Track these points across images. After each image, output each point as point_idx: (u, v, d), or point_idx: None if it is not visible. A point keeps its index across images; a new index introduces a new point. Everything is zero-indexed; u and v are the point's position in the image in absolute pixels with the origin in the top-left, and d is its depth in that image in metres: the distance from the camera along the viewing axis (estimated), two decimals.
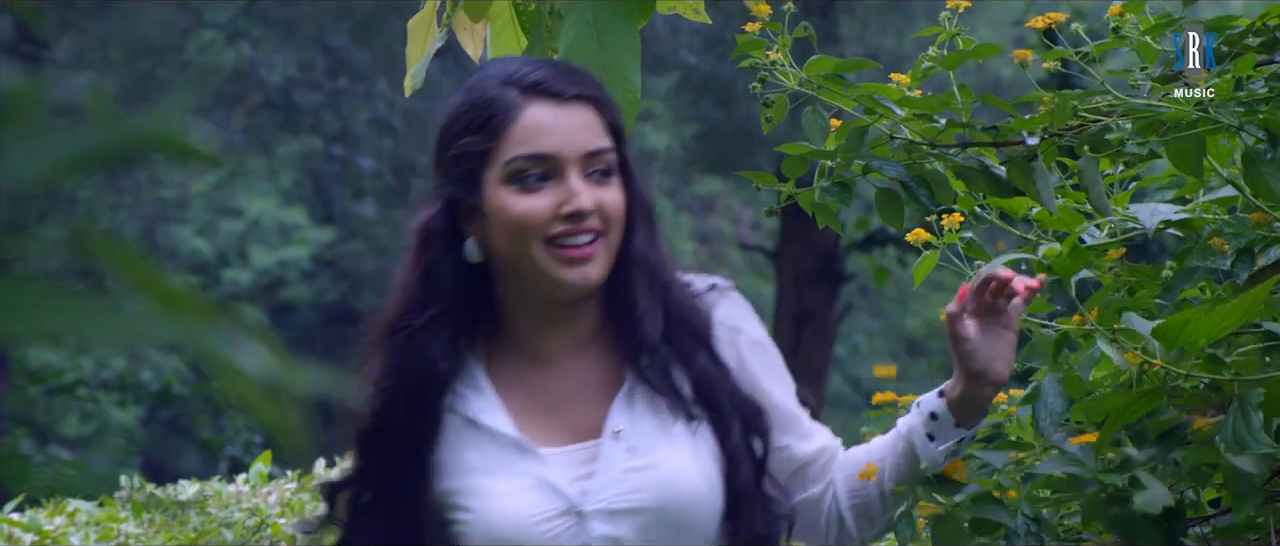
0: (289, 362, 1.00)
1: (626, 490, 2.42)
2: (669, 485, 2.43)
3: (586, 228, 2.45)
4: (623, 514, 2.41)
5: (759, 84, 3.11)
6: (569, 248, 2.44)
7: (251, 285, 19.81)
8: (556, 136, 2.45)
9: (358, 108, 20.70)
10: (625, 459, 2.45)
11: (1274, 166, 2.74)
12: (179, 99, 1.12)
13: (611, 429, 2.46)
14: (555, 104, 2.46)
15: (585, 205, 2.44)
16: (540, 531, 2.40)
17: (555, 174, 2.45)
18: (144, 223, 19.20)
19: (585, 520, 2.41)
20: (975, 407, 2.56)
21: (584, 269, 2.44)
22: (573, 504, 2.41)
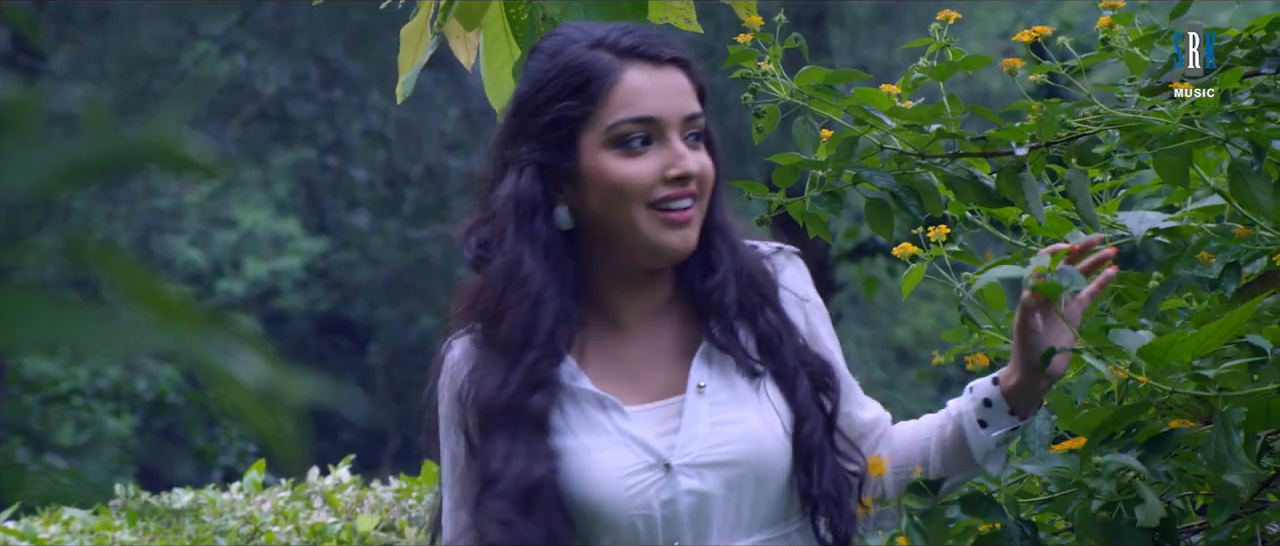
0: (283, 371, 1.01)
1: (713, 443, 2.41)
2: (753, 439, 2.42)
3: (689, 191, 2.43)
4: (709, 467, 2.39)
5: (750, 94, 3.12)
6: (672, 211, 2.42)
7: (245, 295, 19.80)
8: (658, 99, 2.43)
9: (351, 119, 20.70)
10: (710, 413, 2.43)
11: (1260, 179, 2.76)
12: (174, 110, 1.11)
13: (695, 383, 2.45)
14: (653, 67, 2.44)
15: (690, 168, 2.42)
16: (628, 486, 2.38)
17: (657, 137, 2.43)
18: (138, 233, 19.20)
19: (673, 473, 2.38)
20: (1032, 398, 2.52)
21: (685, 232, 2.43)
22: (660, 457, 2.39)
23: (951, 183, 2.99)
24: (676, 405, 2.45)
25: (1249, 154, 2.77)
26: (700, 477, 2.39)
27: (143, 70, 18.90)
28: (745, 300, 2.50)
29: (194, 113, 18.47)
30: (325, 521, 7.07)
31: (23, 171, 0.97)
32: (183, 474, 16.19)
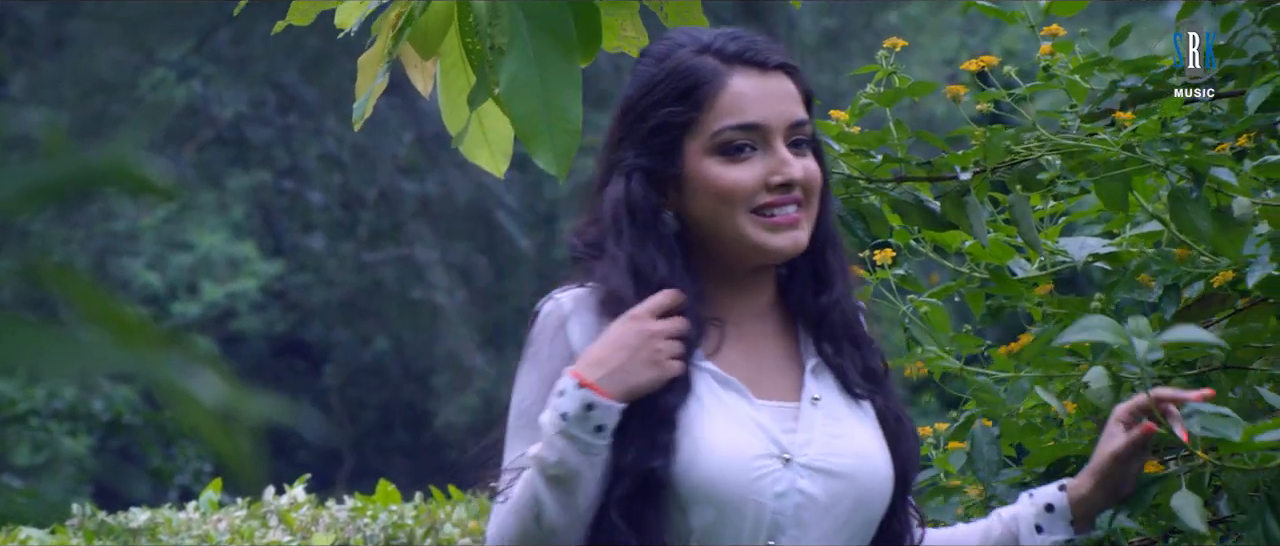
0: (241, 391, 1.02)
1: (829, 451, 2.38)
2: (865, 458, 2.40)
3: (793, 198, 2.41)
4: (820, 473, 2.37)
5: None
6: (776, 216, 2.40)
7: (201, 317, 19.74)
8: (763, 106, 2.41)
9: (307, 143, 20.68)
10: (826, 424, 2.41)
11: (1199, 205, 2.80)
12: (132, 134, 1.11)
13: (810, 394, 2.43)
14: (759, 73, 2.43)
15: (795, 175, 2.40)
16: (751, 467, 2.34)
17: (762, 144, 2.41)
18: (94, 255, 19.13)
19: (791, 468, 2.36)
20: (1094, 512, 2.49)
21: (794, 234, 2.41)
22: (783, 450, 2.37)
23: (897, 207, 3.03)
24: (793, 409, 2.42)
25: (1188, 180, 2.82)
26: (811, 480, 2.36)
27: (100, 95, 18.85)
28: (854, 324, 2.49)
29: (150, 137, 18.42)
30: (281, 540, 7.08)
31: None
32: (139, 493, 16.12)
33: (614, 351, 2.34)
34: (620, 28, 2.76)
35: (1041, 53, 3.03)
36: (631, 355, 2.34)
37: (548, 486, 2.33)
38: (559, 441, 2.32)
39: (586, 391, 2.32)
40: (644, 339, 2.34)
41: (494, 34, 2.43)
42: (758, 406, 2.40)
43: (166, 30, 19.63)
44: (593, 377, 2.33)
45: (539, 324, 2.46)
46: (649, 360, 2.34)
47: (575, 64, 2.47)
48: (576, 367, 2.35)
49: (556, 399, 2.34)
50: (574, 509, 2.33)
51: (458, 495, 7.74)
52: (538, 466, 2.33)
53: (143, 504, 7.77)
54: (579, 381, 2.33)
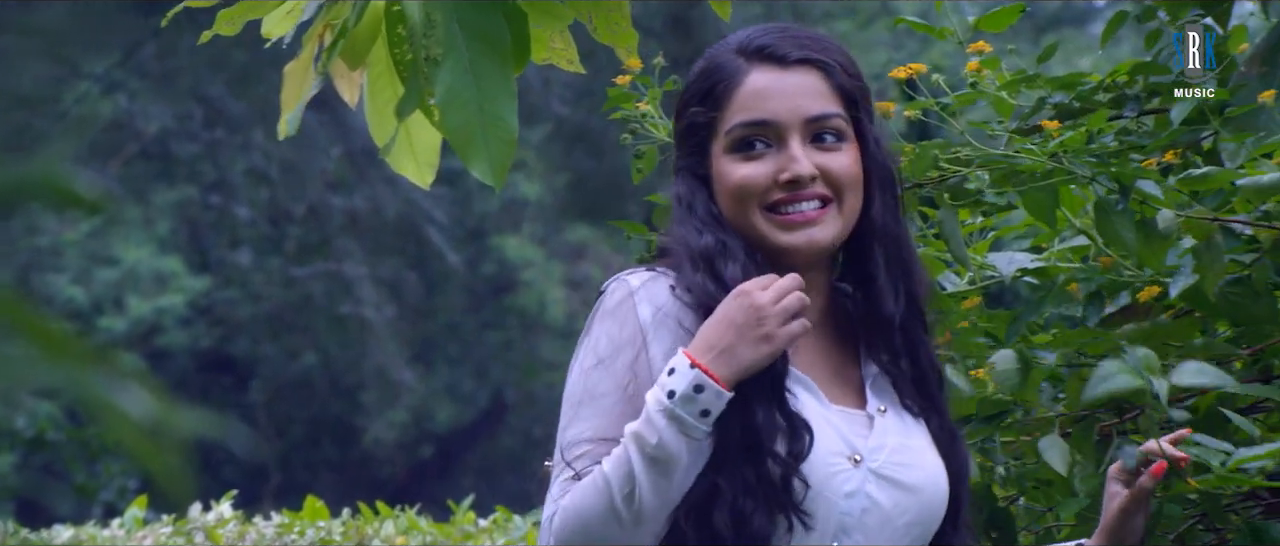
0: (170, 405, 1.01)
1: (899, 461, 2.35)
2: (932, 475, 2.38)
3: (809, 194, 2.36)
4: (888, 482, 2.34)
5: (629, 135, 3.17)
6: (790, 214, 2.36)
7: (127, 332, 19.60)
8: (776, 101, 2.38)
9: (234, 157, 20.57)
10: (896, 435, 2.37)
11: (1124, 217, 2.82)
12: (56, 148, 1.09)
13: (876, 406, 2.40)
14: (778, 68, 2.39)
15: (801, 172, 2.35)
16: (826, 462, 2.31)
17: (775, 140, 2.38)
18: (18, 271, 18.96)
19: (861, 470, 2.33)
20: None
21: (809, 231, 2.36)
22: (855, 451, 2.34)
23: None
24: (862, 417, 2.39)
25: (1114, 193, 2.84)
26: (879, 487, 2.34)
27: (22, 109, 18.70)
28: (912, 330, 2.44)
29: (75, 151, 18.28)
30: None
31: None
32: (63, 510, 15.97)
33: (723, 330, 2.28)
34: (549, 40, 2.76)
35: (969, 69, 3.05)
36: (740, 333, 2.28)
37: (646, 466, 2.25)
38: (661, 420, 2.25)
39: (698, 372, 2.26)
40: (751, 314, 2.29)
41: (429, 44, 2.42)
42: (829, 408, 2.37)
43: (91, 43, 19.49)
44: (705, 360, 2.27)
45: (603, 303, 2.41)
46: (759, 336, 2.28)
47: (510, 74, 2.47)
48: (690, 348, 2.28)
49: (666, 377, 2.27)
50: (667, 494, 2.26)
51: (386, 511, 7.72)
52: (637, 444, 2.26)
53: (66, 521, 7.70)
54: (691, 362, 2.27)
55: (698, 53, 2.54)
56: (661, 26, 17.00)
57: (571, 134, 19.93)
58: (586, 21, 2.75)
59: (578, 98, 19.25)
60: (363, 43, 2.70)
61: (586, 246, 21.85)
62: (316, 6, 2.65)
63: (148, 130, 20.22)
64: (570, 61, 2.83)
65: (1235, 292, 2.76)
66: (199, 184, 20.56)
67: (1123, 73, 3.27)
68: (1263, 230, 2.78)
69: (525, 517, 7.84)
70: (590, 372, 2.37)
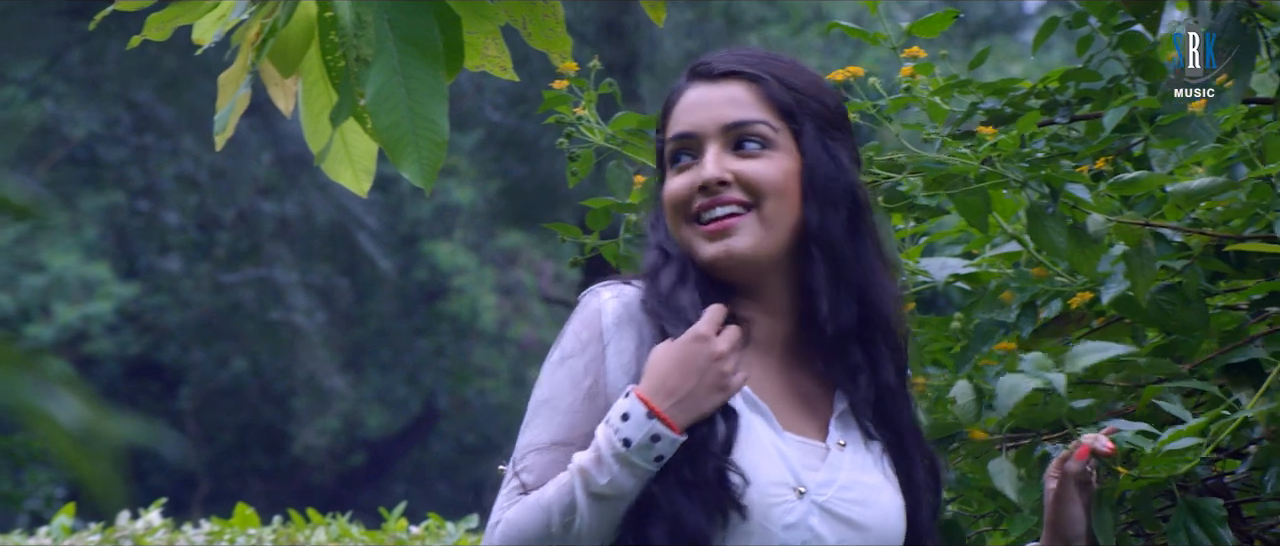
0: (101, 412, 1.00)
1: (850, 498, 2.34)
2: (886, 515, 2.36)
3: (723, 199, 2.37)
4: (834, 518, 2.33)
5: (565, 140, 3.17)
6: (708, 222, 2.37)
7: (54, 340, 19.45)
8: (699, 114, 2.41)
9: (163, 163, 20.45)
10: (851, 471, 2.36)
11: (1056, 221, 2.83)
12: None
13: (836, 440, 2.38)
14: (707, 83, 2.43)
15: (709, 174, 2.37)
16: (768, 491, 2.30)
17: (698, 152, 2.40)
18: None
19: (805, 503, 2.32)
20: None
21: (725, 241, 2.36)
22: (800, 482, 2.32)
23: None
24: (819, 449, 2.37)
25: (1046, 197, 2.85)
26: (823, 521, 2.33)
27: None
28: (872, 347, 2.41)
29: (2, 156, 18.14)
30: None
31: None
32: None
33: (683, 377, 2.31)
34: (483, 46, 2.75)
35: (902, 74, 3.06)
36: (699, 379, 2.31)
37: (590, 501, 2.28)
38: (615, 466, 2.28)
39: (655, 422, 2.28)
40: (710, 362, 2.31)
41: (359, 45, 2.41)
42: (784, 438, 2.36)
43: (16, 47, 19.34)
44: (662, 406, 2.30)
45: (577, 315, 2.43)
46: (715, 384, 2.31)
47: (441, 76, 2.46)
48: (645, 391, 2.30)
49: (620, 422, 2.29)
50: (610, 524, 2.30)
51: (317, 518, 7.68)
52: (583, 480, 2.28)
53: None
54: (648, 410, 2.29)
55: (631, 58, 2.56)
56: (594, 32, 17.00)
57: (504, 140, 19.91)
58: (520, 27, 2.75)
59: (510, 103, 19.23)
60: (296, 50, 2.69)
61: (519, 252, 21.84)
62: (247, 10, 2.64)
63: (75, 135, 20.07)
64: (504, 68, 2.82)
65: (1167, 299, 2.77)
66: (127, 190, 20.44)
67: (1054, 79, 3.29)
68: (1193, 236, 2.80)
69: (457, 524, 7.82)
70: (552, 373, 2.39)
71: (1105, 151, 3.10)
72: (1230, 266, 2.80)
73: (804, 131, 2.41)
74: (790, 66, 2.47)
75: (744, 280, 2.40)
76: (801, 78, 2.46)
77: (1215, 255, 2.80)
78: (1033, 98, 3.27)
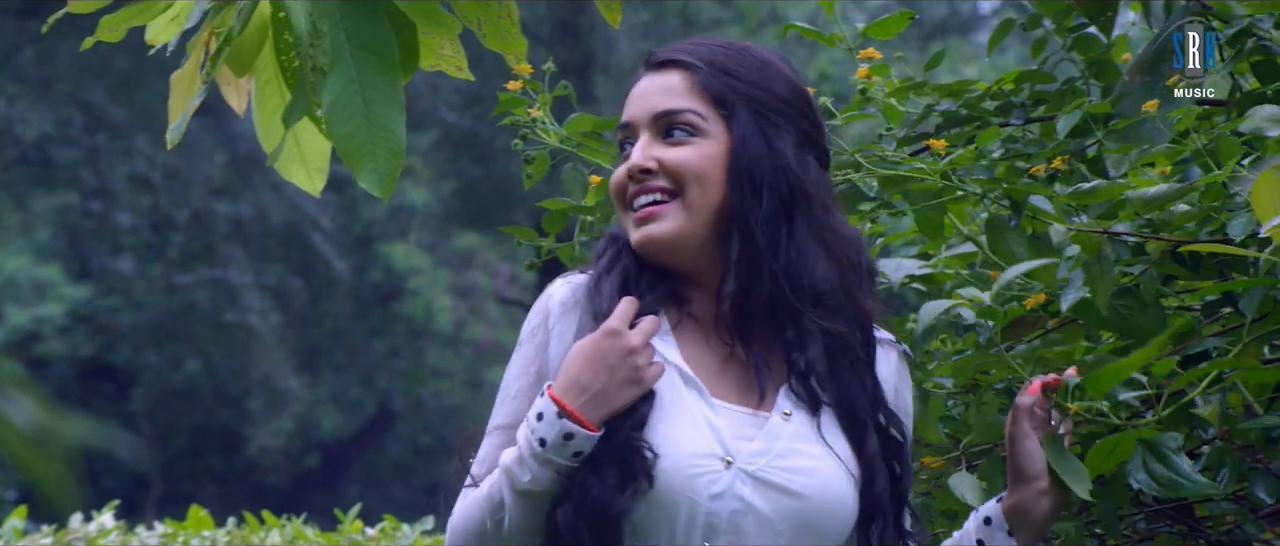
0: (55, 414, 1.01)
1: (785, 467, 2.36)
2: (826, 484, 2.37)
3: (649, 187, 2.43)
4: (768, 486, 2.35)
5: (520, 142, 3.16)
6: (637, 210, 2.43)
7: (6, 342, 19.34)
8: (636, 104, 2.47)
9: (116, 164, 20.36)
10: (792, 440, 2.38)
11: (1016, 233, 2.84)
12: None
13: (781, 409, 2.40)
14: (652, 72, 2.49)
15: (634, 163, 2.43)
16: (689, 464, 2.33)
17: (635, 139, 2.47)
18: None
19: (732, 473, 2.34)
20: (1028, 519, 2.47)
21: (647, 228, 2.42)
22: (727, 452, 2.35)
23: None
24: (759, 419, 2.40)
25: (1006, 209, 2.85)
26: (755, 490, 2.35)
27: None
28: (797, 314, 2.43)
29: None
30: None
31: None
32: None
33: (594, 373, 2.35)
34: (438, 47, 2.74)
35: (858, 76, 3.06)
36: (611, 375, 2.35)
37: (516, 498, 2.35)
38: (533, 464, 2.34)
39: (566, 421, 2.33)
40: (622, 357, 2.35)
41: (315, 54, 2.40)
42: (715, 408, 2.39)
43: None
44: (574, 403, 2.34)
45: (546, 302, 2.49)
46: (628, 378, 2.35)
47: (398, 84, 2.45)
48: (557, 389, 2.35)
49: (536, 422, 2.35)
50: (537, 518, 2.36)
51: (272, 520, 7.66)
52: (508, 479, 2.35)
53: None
54: (559, 408, 2.34)
55: (586, 59, 2.57)
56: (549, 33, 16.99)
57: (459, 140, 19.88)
58: (475, 28, 2.74)
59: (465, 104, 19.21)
60: (249, 50, 2.68)
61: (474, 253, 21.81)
62: (201, 13, 2.63)
63: (27, 136, 19.96)
64: (459, 68, 2.81)
65: (1124, 304, 2.78)
66: (80, 190, 20.34)
67: (1009, 80, 3.30)
68: (1151, 241, 2.81)
69: (413, 526, 7.81)
70: (510, 359, 2.47)
71: (1059, 153, 3.10)
72: (1185, 268, 2.81)
73: (736, 117, 2.44)
74: (735, 53, 2.50)
75: (676, 262, 2.45)
76: (744, 64, 2.48)
77: (1170, 257, 2.81)
78: (988, 99, 3.27)
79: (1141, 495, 3.05)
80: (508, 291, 21.77)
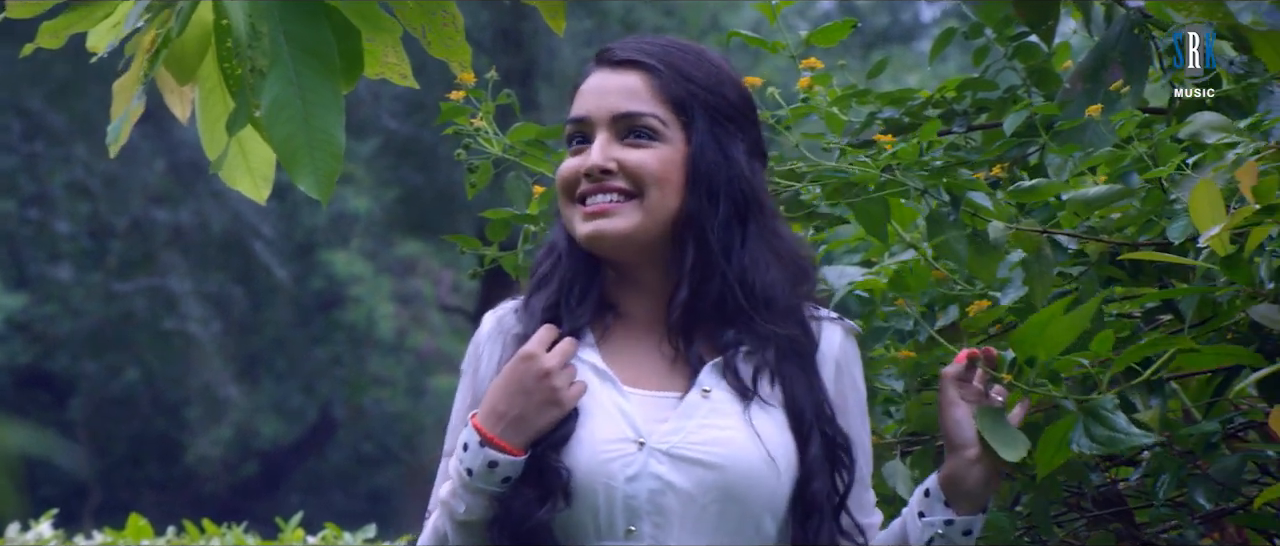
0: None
1: (697, 440, 2.39)
2: (741, 454, 2.39)
3: (608, 187, 2.45)
4: (684, 462, 2.38)
5: (463, 151, 3.16)
6: (588, 206, 2.46)
7: None
8: (591, 100, 2.50)
9: (54, 171, 20.21)
10: (707, 415, 2.41)
11: (956, 228, 2.86)
12: None
13: (701, 386, 2.43)
14: (607, 69, 2.51)
15: (594, 162, 2.45)
16: (600, 451, 2.38)
17: (591, 136, 2.49)
18: None
19: (645, 453, 2.38)
20: (963, 489, 2.48)
21: (598, 223, 2.45)
22: (639, 434, 2.39)
23: None
24: (675, 400, 2.44)
25: (946, 205, 2.87)
26: (672, 467, 2.38)
27: None
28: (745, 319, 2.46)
29: None
30: None
31: None
32: None
33: (512, 399, 2.41)
34: (382, 54, 2.74)
35: (801, 84, 3.07)
36: (528, 399, 2.40)
37: (456, 528, 2.43)
38: (466, 495, 2.40)
39: (489, 449, 2.39)
40: (538, 380, 2.41)
41: (254, 56, 2.39)
42: (627, 395, 2.44)
43: None
44: (495, 430, 2.40)
45: (477, 333, 2.56)
46: (546, 400, 2.40)
47: (337, 87, 2.45)
48: (479, 418, 2.41)
49: (461, 452, 2.41)
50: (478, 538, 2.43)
51: (211, 528, 7.62)
52: (447, 511, 2.43)
53: None
54: (481, 436, 2.40)
55: (529, 66, 2.58)
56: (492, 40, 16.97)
57: (401, 148, 19.83)
58: (419, 35, 2.74)
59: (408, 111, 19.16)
60: (192, 57, 2.67)
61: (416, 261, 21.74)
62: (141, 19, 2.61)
63: None
64: (403, 76, 2.81)
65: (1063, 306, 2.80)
66: (17, 198, 20.18)
67: (951, 88, 3.31)
68: (1090, 243, 2.83)
69: (355, 534, 7.78)
70: (455, 410, 2.55)
71: (1002, 158, 3.12)
72: (1125, 273, 2.83)
73: (694, 123, 2.48)
74: (692, 58, 2.53)
75: (621, 260, 2.49)
76: (702, 69, 2.51)
77: (1110, 262, 2.83)
78: (930, 107, 3.29)
79: (1083, 501, 3.07)
80: (450, 299, 21.72)
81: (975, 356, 2.49)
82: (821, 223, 3.09)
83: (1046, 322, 2.43)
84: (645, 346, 2.49)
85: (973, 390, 2.50)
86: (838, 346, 2.54)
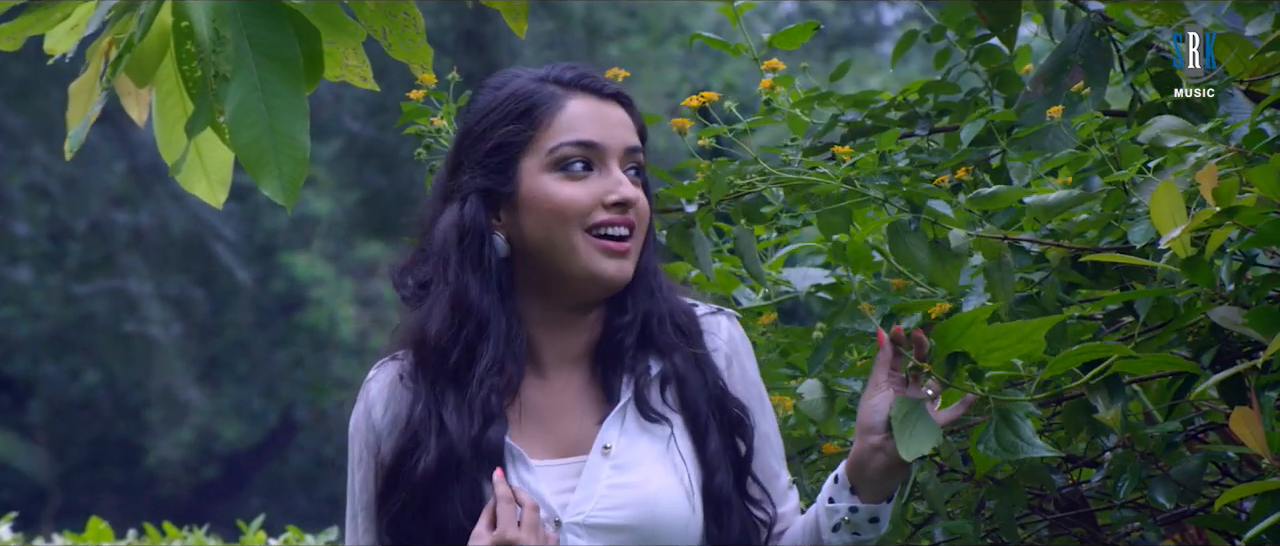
0: None
1: (606, 506, 2.39)
2: (650, 504, 2.40)
3: (627, 220, 2.44)
4: (599, 529, 2.39)
5: (424, 151, 3.15)
6: (610, 239, 2.42)
7: None
8: (599, 127, 2.45)
9: (12, 173, 20.12)
10: (611, 476, 2.41)
11: (917, 236, 2.86)
12: None
13: (601, 444, 2.43)
14: (597, 98, 2.47)
15: (629, 194, 2.43)
16: None
17: (598, 163, 2.44)
18: None
19: (562, 531, 2.39)
20: (865, 476, 2.45)
21: (622, 262, 2.43)
22: (552, 514, 2.39)
23: None
24: (579, 465, 2.44)
25: (906, 212, 2.87)
26: (590, 536, 2.39)
27: None
28: (661, 339, 2.48)
29: None
30: None
31: None
32: None
33: None
34: (343, 57, 2.73)
35: (763, 87, 3.07)
36: None
37: None
38: None
39: None
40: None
41: (218, 62, 2.38)
42: (536, 472, 2.42)
43: None
44: None
45: (357, 406, 2.56)
46: None
47: (301, 92, 2.44)
48: None
49: None
50: None
51: (172, 531, 7.59)
52: None
53: None
54: None
55: (491, 69, 2.55)
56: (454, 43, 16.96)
57: (363, 150, 19.80)
58: (380, 37, 2.73)
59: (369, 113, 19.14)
60: (150, 60, 2.65)
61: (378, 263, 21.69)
62: (101, 21, 2.60)
63: None
64: (364, 78, 2.80)
65: (1025, 311, 2.80)
66: None
67: (913, 91, 3.32)
68: (1051, 248, 2.83)
69: (317, 537, 7.76)
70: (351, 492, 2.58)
71: (963, 163, 3.13)
72: (1086, 277, 2.83)
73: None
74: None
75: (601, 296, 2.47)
76: None
77: (1072, 266, 2.84)
78: (892, 110, 3.29)
79: (1046, 503, 3.08)
80: None
81: (899, 335, 2.45)
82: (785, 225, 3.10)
83: (969, 323, 2.42)
84: (556, 389, 2.48)
85: (898, 378, 2.47)
86: (725, 338, 2.54)
